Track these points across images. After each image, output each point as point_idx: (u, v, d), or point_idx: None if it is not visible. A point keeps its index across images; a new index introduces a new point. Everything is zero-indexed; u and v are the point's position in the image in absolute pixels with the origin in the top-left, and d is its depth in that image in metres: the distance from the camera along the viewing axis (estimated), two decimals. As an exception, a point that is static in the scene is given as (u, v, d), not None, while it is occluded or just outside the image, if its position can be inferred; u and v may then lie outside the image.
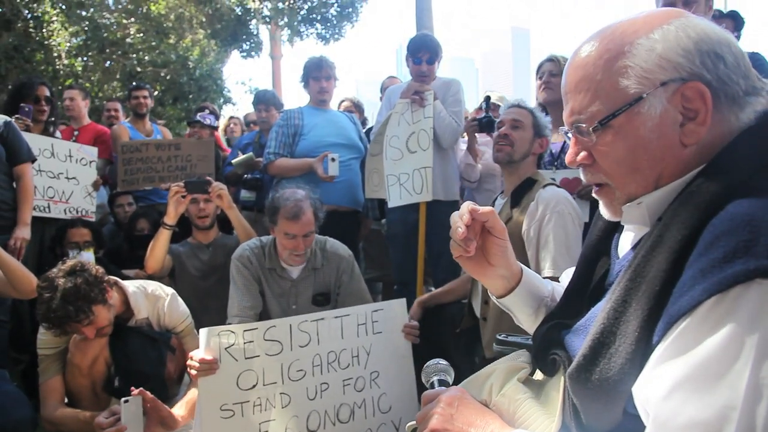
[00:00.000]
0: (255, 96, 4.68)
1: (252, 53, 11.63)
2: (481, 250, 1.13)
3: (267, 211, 2.69)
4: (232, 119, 6.09)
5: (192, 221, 3.28)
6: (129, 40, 9.77)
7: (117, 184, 4.11)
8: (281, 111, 4.52)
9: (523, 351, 1.16)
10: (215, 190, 3.02)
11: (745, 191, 0.75)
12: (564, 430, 0.92)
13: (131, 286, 2.43)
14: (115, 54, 9.88)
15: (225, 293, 3.03)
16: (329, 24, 12.12)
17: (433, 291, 2.92)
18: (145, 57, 9.64)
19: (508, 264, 1.15)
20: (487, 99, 3.59)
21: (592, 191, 2.87)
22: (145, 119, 4.73)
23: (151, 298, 2.46)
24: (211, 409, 2.05)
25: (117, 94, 9.77)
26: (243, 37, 11.20)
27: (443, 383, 1.15)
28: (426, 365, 1.21)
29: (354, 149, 3.83)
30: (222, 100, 10.41)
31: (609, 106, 0.87)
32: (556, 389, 0.98)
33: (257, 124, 4.81)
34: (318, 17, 11.95)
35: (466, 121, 3.44)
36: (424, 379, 1.20)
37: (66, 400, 2.36)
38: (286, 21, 11.48)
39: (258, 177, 4.17)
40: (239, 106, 12.40)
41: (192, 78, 9.68)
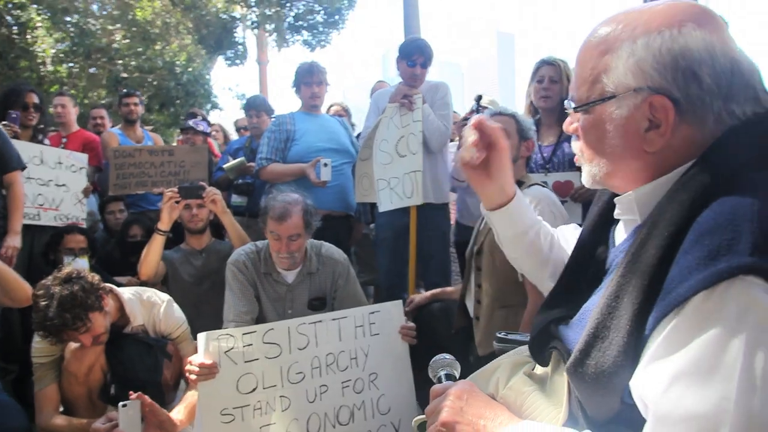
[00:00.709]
0: (246, 101, 4.69)
1: (237, 61, 11.60)
2: (485, 162, 1.25)
3: (260, 212, 2.71)
4: (212, 126, 6.07)
5: (185, 227, 3.27)
6: (115, 46, 9.70)
7: (107, 190, 4.09)
8: (272, 116, 4.54)
9: (526, 347, 1.19)
10: (209, 195, 3.02)
11: (728, 188, 0.78)
12: (571, 419, 0.95)
13: (127, 292, 2.42)
14: (101, 60, 9.80)
15: (219, 299, 3.02)
16: (315, 31, 12.14)
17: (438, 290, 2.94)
18: (132, 63, 9.56)
19: (504, 181, 1.28)
20: (479, 98, 3.61)
21: (584, 194, 2.90)
22: (136, 126, 4.71)
23: (147, 304, 2.45)
24: (212, 414, 2.05)
25: (103, 100, 9.69)
26: (228, 45, 11.17)
27: (450, 377, 1.18)
28: (433, 360, 1.23)
29: (346, 154, 3.85)
30: (209, 105, 10.36)
31: (588, 94, 0.94)
32: (561, 381, 1.00)
33: (248, 129, 4.82)
34: (304, 24, 11.96)
35: (458, 121, 3.47)
36: (431, 374, 1.22)
37: (61, 408, 2.34)
38: (273, 27, 11.47)
39: (249, 182, 4.17)
40: (226, 111, 12.36)
41: (179, 83, 9.62)
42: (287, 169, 3.67)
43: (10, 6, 8.64)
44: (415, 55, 3.41)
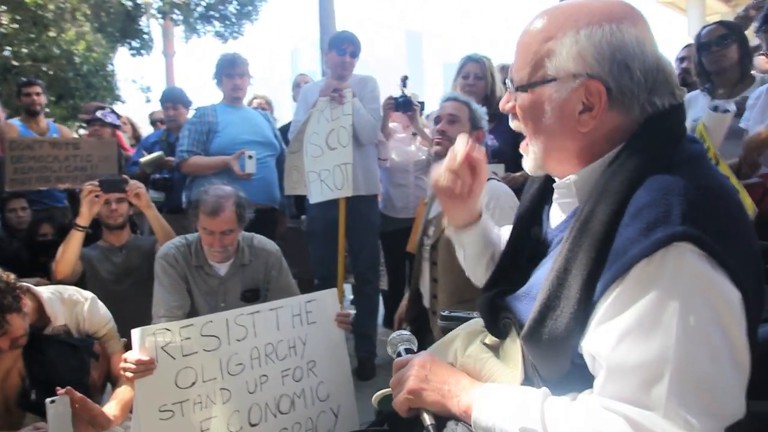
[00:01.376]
0: (162, 93, 4.49)
1: (142, 51, 10.98)
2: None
3: (190, 206, 2.64)
4: (120, 119, 5.75)
5: (102, 222, 3.10)
6: (2, 30, 8.85)
7: (4, 185, 3.78)
8: (189, 108, 4.40)
9: (478, 319, 1.28)
10: (133, 189, 2.89)
11: (657, 167, 0.90)
12: (527, 380, 1.04)
13: (45, 291, 2.27)
14: (-14, 46, 8.93)
15: (141, 297, 2.92)
16: (228, 22, 11.75)
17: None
18: (23, 50, 8.77)
19: (476, 203, 1.31)
20: (404, 79, 3.70)
21: (509, 183, 3.04)
22: (39, 117, 4.38)
23: (69, 303, 2.31)
24: (150, 412, 1.98)
25: (-9, 90, 8.84)
26: (132, 34, 10.53)
27: (409, 351, 1.23)
28: (390, 337, 1.29)
29: (269, 146, 3.83)
30: (111, 98, 9.73)
31: (530, 76, 1.02)
32: (514, 347, 1.10)
33: (164, 122, 4.62)
34: (216, 15, 11.54)
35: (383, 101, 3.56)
36: (390, 350, 1.27)
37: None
38: (180, 17, 10.96)
39: (167, 176, 4.03)
40: (130, 104, 11.65)
41: (78, 74, 8.95)
42: (210, 162, 3.59)
43: None
44: (345, 44, 3.49)
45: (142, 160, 4.04)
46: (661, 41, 1.06)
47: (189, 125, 3.69)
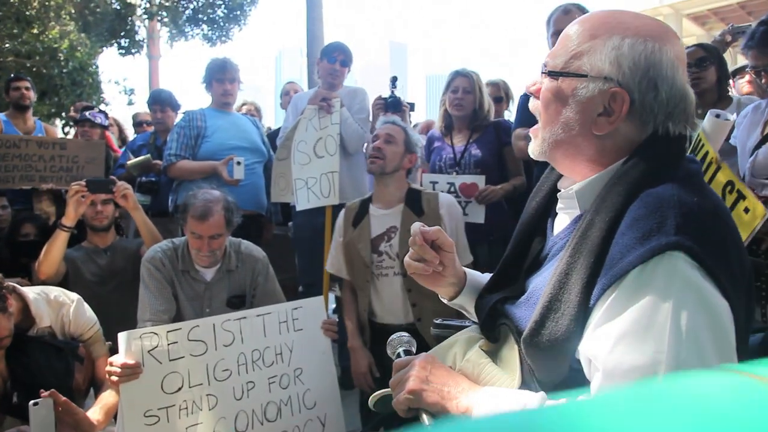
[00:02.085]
0: (150, 96, 4.46)
1: (131, 50, 10.86)
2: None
3: (178, 209, 2.64)
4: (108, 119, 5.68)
5: (88, 223, 3.07)
6: (-17, 26, 8.73)
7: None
8: (177, 112, 4.38)
9: (476, 327, 1.31)
10: (120, 190, 2.87)
11: (656, 181, 0.95)
12: (524, 385, 1.07)
13: (31, 292, 2.25)
14: (-34, 41, 8.77)
15: (125, 300, 2.90)
16: (216, 25, 11.71)
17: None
18: (5, 45, 8.63)
19: (455, 272, 1.29)
20: (394, 79, 3.75)
21: (487, 197, 3.17)
22: (27, 114, 4.30)
23: (54, 304, 2.29)
24: (135, 417, 1.97)
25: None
26: (121, 34, 10.42)
27: (409, 353, 1.26)
28: (390, 339, 1.31)
29: (257, 153, 3.83)
30: (96, 96, 9.60)
31: (565, 65, 1.05)
32: (511, 353, 1.13)
33: (152, 125, 4.59)
34: (204, 18, 11.49)
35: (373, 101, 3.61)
36: (389, 351, 1.29)
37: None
38: (167, 19, 10.88)
39: (153, 180, 3.99)
40: (112, 105, 11.51)
41: (63, 71, 8.83)
42: (198, 167, 3.58)
43: None
44: (336, 53, 3.55)
45: (128, 162, 4.00)
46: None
47: (177, 129, 3.67)
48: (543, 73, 1.09)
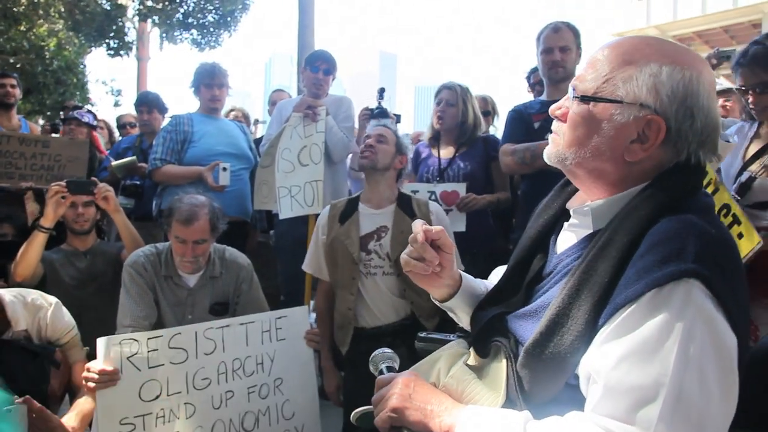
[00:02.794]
0: (138, 97, 4.43)
1: (120, 51, 10.76)
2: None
3: (163, 213, 2.61)
4: (98, 121, 5.59)
5: (68, 225, 3.02)
6: (-30, 22, 8.61)
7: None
8: (165, 115, 4.35)
9: (461, 341, 1.31)
10: (101, 191, 2.83)
11: (675, 210, 0.97)
12: (509, 403, 1.07)
13: (7, 294, 2.20)
14: (-47, 37, 8.64)
15: (104, 304, 2.86)
16: (206, 30, 11.67)
17: None
18: (-9, 41, 8.53)
19: (452, 273, 1.28)
20: (381, 91, 3.75)
21: (468, 204, 3.18)
22: (12, 112, 4.23)
23: (31, 307, 2.24)
24: (111, 424, 1.93)
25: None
26: (110, 34, 10.33)
27: (391, 369, 1.25)
28: (373, 354, 1.30)
29: (244, 159, 3.81)
30: (82, 96, 9.49)
31: (596, 90, 1.05)
32: (497, 370, 1.13)
33: (138, 126, 4.54)
34: (194, 23, 11.44)
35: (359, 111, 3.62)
36: (372, 368, 1.29)
37: None
38: (157, 21, 10.83)
39: (137, 183, 3.95)
40: (99, 107, 11.38)
41: (48, 69, 8.72)
42: (183, 172, 3.55)
43: None
44: (318, 62, 3.55)
45: (113, 164, 3.96)
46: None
47: (164, 133, 3.64)
48: (574, 98, 1.08)
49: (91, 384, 1.94)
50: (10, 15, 8.86)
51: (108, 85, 11.06)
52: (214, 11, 11.66)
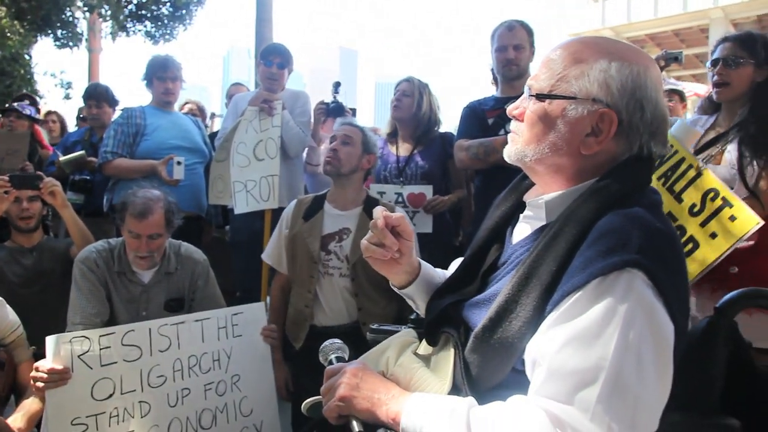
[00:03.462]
0: (85, 90, 4.27)
1: (69, 43, 10.31)
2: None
3: (116, 208, 2.55)
4: (50, 114, 5.35)
5: (12, 222, 2.91)
6: None
7: None
8: (115, 108, 4.23)
9: (410, 330, 1.34)
10: (47, 186, 2.73)
11: (623, 204, 1.02)
12: (454, 390, 1.11)
13: (-52, 293, 2.11)
14: None
15: (52, 302, 2.78)
16: (160, 23, 11.32)
17: None
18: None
19: (411, 261, 1.31)
20: (337, 85, 3.74)
21: (435, 206, 3.21)
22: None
23: (-27, 307, 2.16)
24: (61, 425, 1.88)
25: None
26: (58, 24, 9.89)
27: (341, 360, 1.27)
28: (323, 346, 1.32)
29: (199, 153, 3.75)
30: (29, 88, 9.07)
31: (552, 88, 1.10)
32: (445, 359, 1.16)
33: (87, 120, 4.39)
34: (148, 14, 11.09)
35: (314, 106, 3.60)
36: (321, 358, 1.30)
37: None
38: (108, 12, 10.44)
39: (87, 178, 3.83)
40: (47, 100, 10.89)
41: (-11, 59, 8.30)
42: (136, 166, 3.47)
43: None
44: (272, 56, 3.53)
45: (61, 158, 3.81)
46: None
47: (115, 126, 3.54)
48: (530, 96, 1.13)
49: (40, 384, 1.88)
50: (-56, 1, 8.40)
51: (57, 78, 10.60)
52: (168, 3, 11.35)
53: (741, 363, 1.33)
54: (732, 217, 1.95)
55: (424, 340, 1.27)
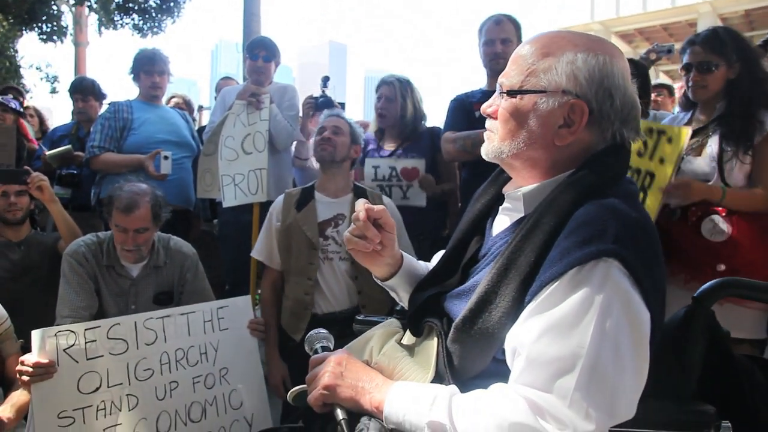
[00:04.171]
0: (72, 84, 4.22)
1: (54, 37, 10.17)
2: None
3: (103, 202, 2.55)
4: (26, 109, 5.24)
5: (-1, 216, 2.90)
6: None
7: None
8: (102, 102, 4.20)
9: (394, 320, 1.36)
10: (35, 181, 2.72)
11: (598, 195, 1.03)
12: (437, 378, 1.12)
13: (-67, 287, 2.10)
14: None
15: (40, 296, 2.78)
16: (147, 16, 11.21)
17: None
18: None
19: (393, 253, 1.33)
20: (325, 79, 3.73)
21: (429, 181, 3.15)
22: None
23: (-40, 301, 2.15)
24: (47, 418, 1.88)
25: None
26: (43, 18, 9.75)
27: (326, 349, 1.28)
28: (308, 335, 1.33)
29: (186, 147, 3.74)
30: (15, 81, 8.96)
31: (522, 83, 1.11)
32: (428, 348, 1.18)
33: (74, 114, 4.35)
34: (135, 7, 10.97)
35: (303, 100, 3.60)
36: (307, 348, 1.31)
37: None
38: (96, 5, 10.31)
39: (75, 172, 3.80)
40: (33, 94, 10.73)
41: (-27, 53, 8.18)
42: (123, 160, 3.46)
43: None
44: (258, 49, 3.53)
45: (47, 153, 3.79)
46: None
47: (102, 120, 3.53)
48: (501, 93, 1.14)
49: (26, 377, 1.88)
50: (-71, -6, 8.27)
51: (43, 71, 10.46)
52: (156, -4, 11.23)
53: (719, 351, 1.36)
54: (669, 139, 2.24)
55: (407, 330, 1.29)
